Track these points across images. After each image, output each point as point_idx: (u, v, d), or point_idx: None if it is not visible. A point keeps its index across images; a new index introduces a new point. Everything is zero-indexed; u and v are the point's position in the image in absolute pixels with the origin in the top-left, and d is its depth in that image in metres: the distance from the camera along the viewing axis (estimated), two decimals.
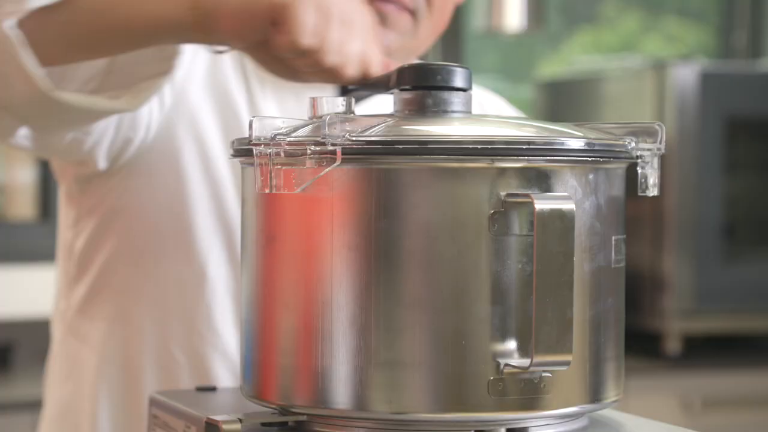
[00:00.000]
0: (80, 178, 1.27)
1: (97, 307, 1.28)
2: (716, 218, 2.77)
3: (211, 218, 1.24)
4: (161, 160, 1.25)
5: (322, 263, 0.86)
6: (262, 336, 0.91)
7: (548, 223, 0.83)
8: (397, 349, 0.85)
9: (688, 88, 2.74)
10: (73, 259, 1.30)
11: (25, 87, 1.06)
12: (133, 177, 1.25)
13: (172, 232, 1.24)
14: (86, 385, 1.28)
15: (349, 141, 0.84)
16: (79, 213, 1.29)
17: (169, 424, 0.99)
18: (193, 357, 1.24)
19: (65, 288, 1.32)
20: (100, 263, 1.27)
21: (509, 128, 0.92)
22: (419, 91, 0.92)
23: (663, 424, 0.93)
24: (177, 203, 1.24)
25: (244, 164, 0.94)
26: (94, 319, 1.28)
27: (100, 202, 1.27)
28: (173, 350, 1.24)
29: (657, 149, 0.92)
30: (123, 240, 1.26)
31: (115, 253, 1.27)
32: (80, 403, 1.29)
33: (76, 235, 1.29)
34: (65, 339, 1.31)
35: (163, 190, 1.25)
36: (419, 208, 0.85)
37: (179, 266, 1.24)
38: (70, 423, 1.30)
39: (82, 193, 1.28)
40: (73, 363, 1.30)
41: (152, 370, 1.25)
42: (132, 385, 1.26)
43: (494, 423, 0.87)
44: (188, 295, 1.24)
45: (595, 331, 0.89)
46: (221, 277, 1.24)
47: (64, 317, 1.31)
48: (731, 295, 2.78)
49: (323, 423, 0.89)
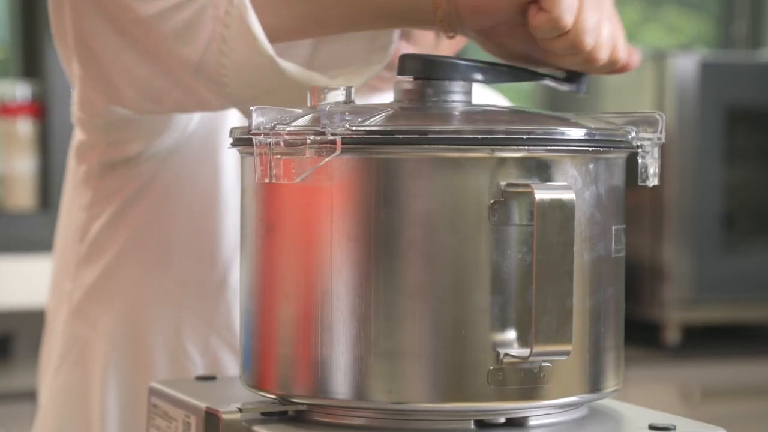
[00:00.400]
0: (104, 161, 1.25)
1: (109, 293, 1.26)
2: (716, 208, 2.77)
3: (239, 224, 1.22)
4: (199, 155, 1.22)
5: (321, 253, 0.86)
6: (262, 325, 0.91)
7: (548, 212, 0.83)
8: (396, 339, 0.85)
9: (688, 78, 2.74)
10: (87, 241, 1.27)
11: (248, 51, 1.01)
12: (165, 168, 1.23)
13: (198, 231, 1.22)
14: (96, 372, 1.26)
15: (349, 131, 0.84)
16: (96, 196, 1.26)
17: (169, 414, 0.99)
18: (209, 357, 1.23)
19: (73, 269, 1.29)
20: (116, 249, 1.25)
21: (509, 118, 0.92)
22: (419, 81, 0.92)
23: (663, 414, 0.93)
24: (208, 202, 1.22)
25: (244, 154, 0.94)
26: (106, 306, 1.26)
27: (121, 187, 1.25)
28: (187, 346, 1.23)
29: (657, 139, 0.92)
30: (142, 230, 1.24)
31: (132, 241, 1.25)
32: (89, 389, 1.27)
33: (92, 218, 1.27)
34: (71, 322, 1.29)
35: (195, 187, 1.23)
36: (419, 198, 0.85)
37: (201, 267, 1.22)
38: (79, 408, 1.29)
39: (102, 176, 1.26)
40: (82, 348, 1.28)
41: (164, 364, 1.24)
42: (142, 376, 1.25)
43: (494, 412, 0.87)
44: (208, 296, 1.22)
45: (595, 321, 0.89)
46: None
47: (70, 299, 1.29)
48: (731, 284, 2.79)
49: (323, 412, 0.89)
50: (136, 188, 1.24)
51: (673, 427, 0.88)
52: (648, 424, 0.89)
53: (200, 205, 1.23)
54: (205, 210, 1.22)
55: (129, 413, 1.26)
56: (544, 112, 0.94)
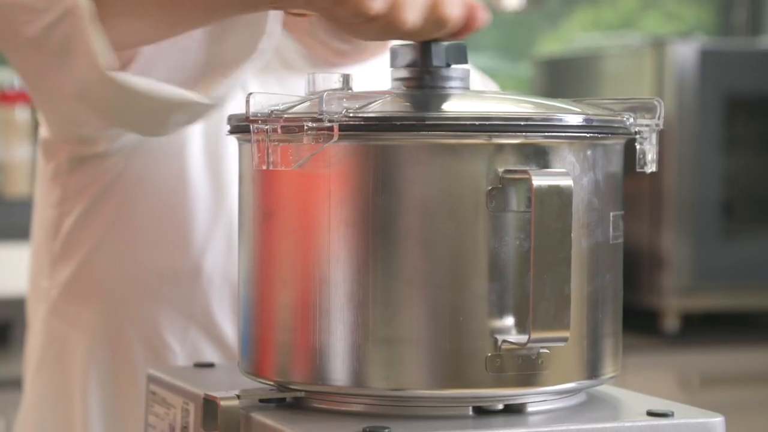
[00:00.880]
0: (74, 157, 1.25)
1: (86, 289, 1.26)
2: (715, 196, 2.77)
3: (212, 209, 1.22)
4: (165, 150, 1.22)
5: (319, 239, 0.86)
6: (260, 312, 0.91)
7: (546, 199, 0.83)
8: (394, 326, 0.85)
9: (688, 65, 2.74)
10: (59, 238, 1.27)
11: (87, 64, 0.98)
12: (133, 160, 1.23)
13: (169, 220, 1.22)
14: (76, 369, 1.27)
15: (347, 117, 0.84)
16: (66, 193, 1.26)
17: (167, 401, 1.00)
18: (188, 346, 1.23)
19: (48, 267, 1.28)
20: (89, 244, 1.25)
21: (507, 104, 0.92)
22: (416, 68, 0.92)
23: (661, 400, 0.93)
24: (177, 192, 1.22)
25: (241, 141, 0.94)
26: (83, 301, 1.26)
27: (90, 182, 1.24)
28: (167, 338, 1.23)
29: (655, 125, 0.92)
30: (115, 223, 1.24)
31: (105, 235, 1.25)
32: (70, 387, 1.28)
33: (63, 215, 1.27)
34: (49, 320, 1.29)
35: (164, 177, 1.22)
36: (417, 185, 0.85)
37: (175, 255, 1.22)
38: (60, 406, 1.29)
39: (71, 172, 1.25)
40: (61, 346, 1.29)
41: (144, 356, 1.24)
42: (123, 369, 1.25)
43: (492, 399, 0.87)
44: (184, 285, 1.22)
45: (593, 307, 0.89)
46: (219, 268, 1.21)
47: (47, 296, 1.29)
48: (730, 272, 2.79)
49: (321, 399, 0.89)
50: (105, 183, 1.24)
51: (671, 413, 0.88)
52: (646, 411, 0.89)
53: (169, 196, 1.22)
54: (174, 200, 1.22)
55: (111, 409, 1.25)
56: (542, 98, 0.94)
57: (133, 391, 1.23)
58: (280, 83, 1.25)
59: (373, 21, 0.87)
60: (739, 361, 2.75)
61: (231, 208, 1.22)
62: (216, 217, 1.22)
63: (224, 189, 1.22)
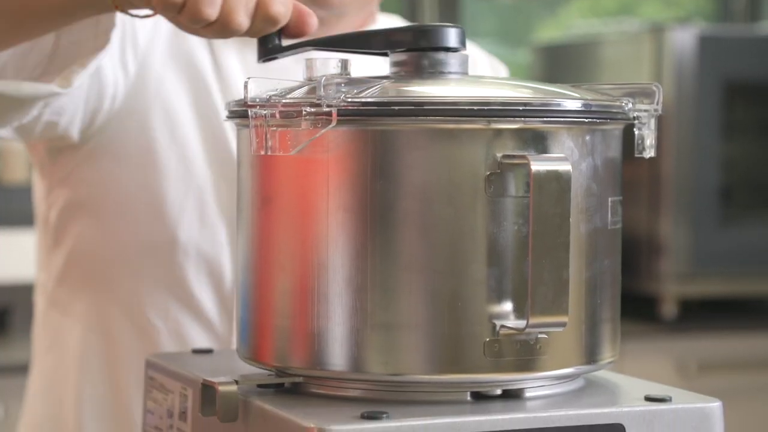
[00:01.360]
0: (52, 149, 1.28)
1: (75, 277, 1.28)
2: (713, 182, 2.77)
3: (180, 181, 1.24)
4: (129, 128, 1.25)
5: (318, 225, 0.86)
6: (258, 298, 0.91)
7: (544, 184, 0.83)
8: (393, 311, 0.85)
9: (687, 51, 2.73)
10: (49, 230, 1.30)
11: None
12: (102, 146, 1.25)
13: (142, 198, 1.25)
14: (70, 356, 1.28)
15: (345, 102, 0.84)
16: (51, 184, 1.29)
17: (166, 386, 1.00)
18: (170, 322, 1.25)
19: (44, 260, 1.32)
20: (75, 233, 1.27)
21: (505, 89, 0.92)
22: (415, 53, 0.92)
23: (659, 385, 0.93)
24: (145, 168, 1.24)
25: (240, 126, 0.94)
26: (74, 290, 1.28)
27: (71, 172, 1.27)
28: (151, 316, 1.25)
29: (654, 110, 0.92)
30: (96, 209, 1.27)
31: (88, 222, 1.27)
32: (64, 375, 1.29)
33: (50, 206, 1.29)
34: (47, 311, 1.32)
35: (131, 157, 1.25)
36: (415, 170, 0.84)
37: (151, 231, 1.24)
38: (54, 394, 1.30)
39: (54, 164, 1.28)
40: (55, 334, 1.30)
41: (132, 337, 1.25)
42: (114, 353, 1.26)
43: (490, 384, 0.87)
44: (162, 259, 1.24)
45: (591, 293, 0.89)
46: (193, 240, 1.24)
47: (45, 289, 1.32)
48: (728, 258, 2.79)
49: (319, 384, 0.89)
50: (83, 170, 1.26)
51: (669, 398, 0.88)
52: (644, 396, 0.89)
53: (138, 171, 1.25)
54: (144, 174, 1.24)
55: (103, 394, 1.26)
56: (541, 83, 0.94)
57: (125, 376, 1.24)
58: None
59: (210, 25, 0.94)
60: (737, 347, 2.75)
61: (199, 180, 1.24)
62: (186, 187, 1.24)
63: (190, 160, 1.24)
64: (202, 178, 1.24)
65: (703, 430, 0.88)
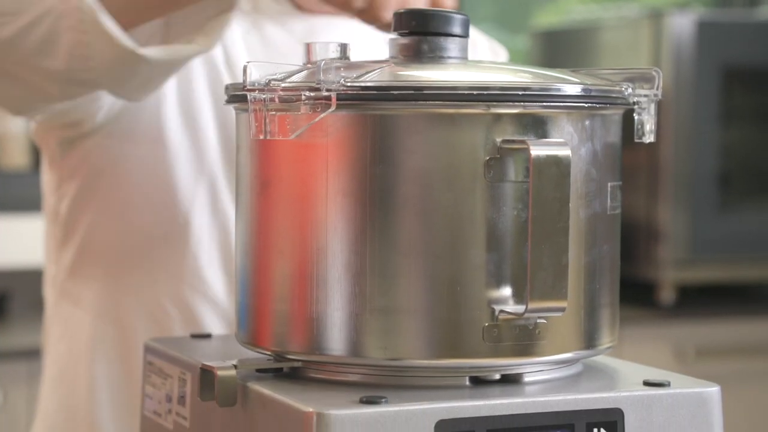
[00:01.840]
0: (64, 141, 1.28)
1: (86, 268, 1.28)
2: (712, 168, 2.77)
3: (191, 167, 1.24)
4: (141, 115, 1.24)
5: (317, 209, 0.86)
6: (257, 282, 0.91)
7: (544, 169, 0.82)
8: (392, 296, 0.85)
9: (685, 37, 2.73)
10: (59, 223, 1.30)
11: (110, 50, 1.09)
12: (114, 134, 1.25)
13: (153, 185, 1.25)
14: (81, 345, 1.28)
15: (344, 87, 0.84)
16: (61, 176, 1.29)
17: (165, 371, 1.00)
18: (183, 308, 1.25)
19: (54, 252, 1.31)
20: (86, 224, 1.27)
21: (505, 74, 0.91)
22: (415, 37, 0.91)
23: (657, 370, 0.93)
24: (157, 155, 1.25)
25: (239, 110, 0.93)
26: (85, 281, 1.28)
27: (81, 163, 1.27)
28: (164, 303, 1.25)
29: (654, 95, 0.91)
30: (107, 199, 1.27)
31: (99, 213, 1.27)
32: (76, 363, 1.29)
33: (60, 199, 1.29)
34: (58, 303, 1.32)
35: (142, 144, 1.25)
36: (414, 155, 0.84)
37: (163, 218, 1.24)
38: (67, 382, 1.30)
39: (64, 156, 1.28)
40: (66, 325, 1.30)
41: (145, 325, 1.25)
42: (126, 341, 1.26)
43: (489, 369, 0.87)
44: (174, 246, 1.24)
45: (590, 278, 0.89)
46: (205, 226, 1.24)
47: (55, 282, 1.32)
48: (726, 244, 2.79)
49: (318, 369, 0.89)
50: (94, 161, 1.27)
51: (668, 383, 0.89)
52: (642, 380, 0.89)
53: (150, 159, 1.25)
54: (156, 163, 1.25)
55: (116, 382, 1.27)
56: (541, 68, 0.94)
57: (138, 363, 1.24)
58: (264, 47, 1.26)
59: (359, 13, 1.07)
60: (735, 332, 2.75)
61: (211, 166, 1.24)
62: (198, 175, 1.24)
63: (202, 146, 1.24)
64: (215, 165, 1.24)
65: (701, 414, 0.88)
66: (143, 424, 1.04)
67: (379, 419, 0.81)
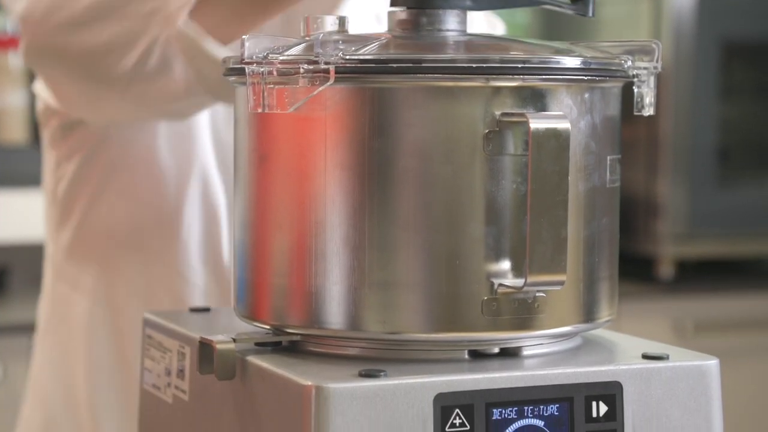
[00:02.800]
0: (65, 124, 1.28)
1: (83, 251, 1.29)
2: (711, 142, 2.76)
3: (182, 158, 1.25)
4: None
5: (315, 183, 0.86)
6: (255, 256, 0.90)
7: (543, 142, 0.82)
8: (390, 269, 0.85)
9: (685, 11, 2.72)
10: (57, 204, 1.30)
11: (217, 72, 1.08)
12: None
13: (147, 174, 1.25)
14: (78, 329, 1.29)
15: (343, 60, 0.83)
16: (60, 157, 1.30)
17: (163, 344, 1.00)
18: (174, 298, 1.25)
19: (53, 232, 1.32)
20: (82, 206, 1.28)
21: (504, 47, 0.91)
22: (414, 10, 0.91)
23: (656, 343, 0.93)
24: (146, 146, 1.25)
25: (237, 84, 0.93)
26: (82, 264, 1.29)
27: (80, 145, 1.28)
28: (157, 291, 1.25)
29: (654, 68, 0.91)
30: (102, 183, 1.28)
31: (95, 196, 1.28)
32: (73, 347, 1.29)
33: (58, 180, 1.30)
34: (55, 284, 1.32)
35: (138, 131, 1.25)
36: (413, 128, 0.84)
37: (154, 208, 1.25)
38: (63, 366, 1.31)
39: (64, 138, 1.29)
40: (62, 308, 1.31)
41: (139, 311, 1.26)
42: (121, 326, 1.27)
43: (488, 342, 0.87)
44: (165, 236, 1.25)
45: (590, 251, 0.89)
46: (196, 216, 1.24)
47: (53, 261, 1.32)
48: (725, 219, 2.79)
49: (317, 343, 0.89)
50: (91, 146, 1.28)
51: (667, 356, 0.89)
52: (641, 354, 0.89)
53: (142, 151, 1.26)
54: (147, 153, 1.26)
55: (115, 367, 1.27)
56: (540, 41, 0.94)
57: (133, 347, 1.24)
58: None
59: None
60: (734, 307, 2.76)
61: (203, 156, 1.24)
62: (189, 166, 1.24)
63: (194, 135, 1.24)
64: (206, 155, 1.25)
65: (699, 387, 0.88)
66: (142, 398, 1.04)
67: (378, 392, 0.81)
